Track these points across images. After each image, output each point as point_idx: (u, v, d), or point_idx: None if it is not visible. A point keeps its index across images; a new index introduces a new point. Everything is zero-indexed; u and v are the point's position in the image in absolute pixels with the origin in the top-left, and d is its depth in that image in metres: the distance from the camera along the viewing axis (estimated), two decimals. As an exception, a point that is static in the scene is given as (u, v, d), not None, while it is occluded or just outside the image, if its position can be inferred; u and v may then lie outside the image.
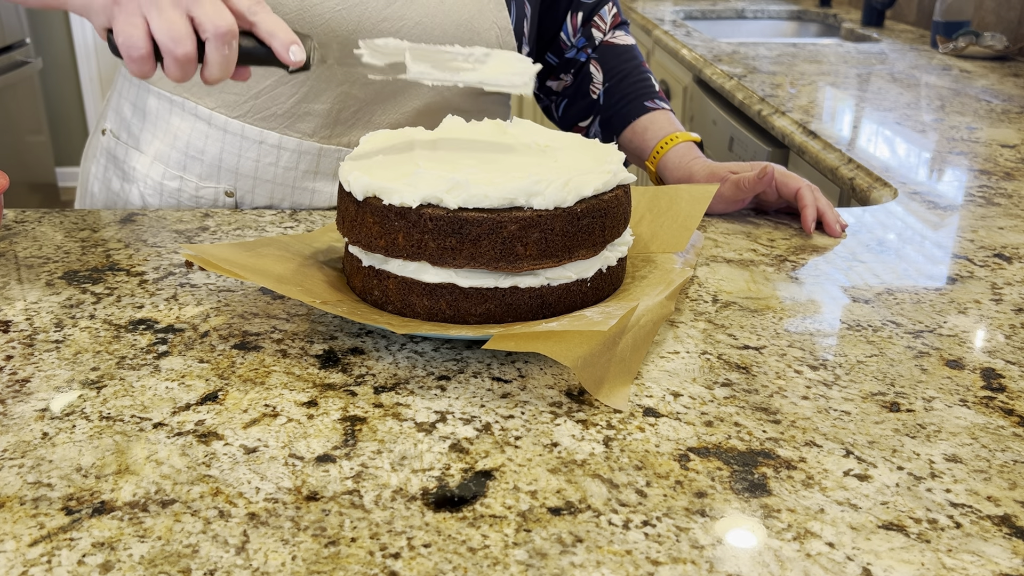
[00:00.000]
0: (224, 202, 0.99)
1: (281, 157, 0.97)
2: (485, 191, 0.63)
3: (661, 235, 0.82)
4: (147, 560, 0.46)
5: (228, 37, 0.66)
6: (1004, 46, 2.03)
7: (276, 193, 0.99)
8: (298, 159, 0.97)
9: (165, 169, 0.99)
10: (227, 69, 0.68)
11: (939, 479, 0.53)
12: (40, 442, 0.56)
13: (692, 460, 0.55)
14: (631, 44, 1.12)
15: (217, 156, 0.97)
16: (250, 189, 0.99)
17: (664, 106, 1.07)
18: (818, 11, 2.90)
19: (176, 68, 0.67)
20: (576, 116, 1.13)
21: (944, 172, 1.18)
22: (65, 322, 0.71)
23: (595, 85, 1.10)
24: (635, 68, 1.10)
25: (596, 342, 0.61)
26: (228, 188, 0.98)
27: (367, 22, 0.92)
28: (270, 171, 0.98)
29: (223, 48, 0.66)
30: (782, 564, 0.46)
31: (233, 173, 0.98)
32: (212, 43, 0.66)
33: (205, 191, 0.99)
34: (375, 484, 0.52)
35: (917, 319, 0.74)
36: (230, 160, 0.97)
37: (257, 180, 0.98)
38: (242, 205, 1.00)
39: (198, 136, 0.97)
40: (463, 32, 0.96)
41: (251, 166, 0.97)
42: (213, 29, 0.66)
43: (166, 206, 1.00)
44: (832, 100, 1.64)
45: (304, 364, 0.65)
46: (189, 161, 0.98)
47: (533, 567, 0.46)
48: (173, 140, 0.98)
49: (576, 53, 1.11)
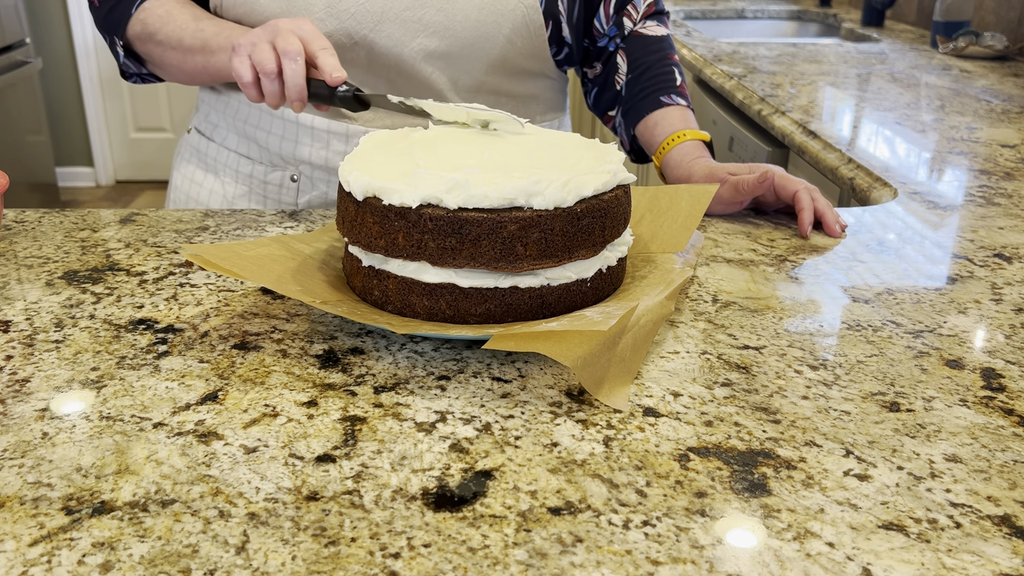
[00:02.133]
0: (289, 186, 1.07)
1: (331, 142, 1.03)
2: (485, 191, 0.63)
3: (661, 235, 0.82)
4: (147, 560, 0.46)
5: (293, 54, 0.83)
6: (1004, 46, 2.03)
7: (331, 177, 1.05)
8: (346, 143, 1.03)
9: (240, 158, 1.08)
10: (295, 82, 0.84)
11: (939, 479, 0.53)
12: (40, 442, 0.56)
13: (692, 460, 0.55)
14: (662, 35, 1.11)
15: (278, 143, 1.05)
16: (309, 174, 1.06)
17: (680, 102, 1.07)
18: (818, 11, 2.90)
19: (267, 83, 0.85)
20: (605, 106, 1.14)
21: (944, 172, 1.18)
22: (65, 322, 0.71)
23: (619, 76, 1.10)
24: (659, 60, 1.09)
25: (596, 342, 0.61)
26: (293, 174, 1.06)
27: (391, 12, 0.97)
28: (322, 155, 1.04)
29: (290, 63, 0.84)
30: (782, 564, 0.46)
31: (293, 159, 1.05)
32: (284, 59, 0.84)
33: (272, 176, 1.07)
34: (375, 484, 0.52)
35: (917, 319, 0.74)
36: (288, 146, 1.04)
37: (313, 165, 1.05)
38: (303, 190, 1.06)
39: (264, 123, 1.05)
40: (487, 15, 0.99)
41: (306, 152, 1.04)
42: (283, 48, 0.84)
43: (240, 192, 1.09)
44: (832, 100, 1.64)
45: (304, 364, 0.65)
46: (259, 150, 1.06)
47: (533, 567, 0.46)
48: (242, 131, 1.06)
49: (607, 42, 1.11)
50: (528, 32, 1.02)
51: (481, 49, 1.00)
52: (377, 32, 0.97)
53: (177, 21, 0.98)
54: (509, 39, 1.01)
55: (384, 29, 0.97)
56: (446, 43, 0.99)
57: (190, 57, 0.98)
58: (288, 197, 1.07)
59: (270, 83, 0.85)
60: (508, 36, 1.01)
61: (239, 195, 1.09)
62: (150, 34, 0.99)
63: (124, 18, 1.00)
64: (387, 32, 0.97)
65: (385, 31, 0.97)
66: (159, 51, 1.00)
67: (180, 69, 1.01)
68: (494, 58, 1.02)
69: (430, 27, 0.98)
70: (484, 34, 1.00)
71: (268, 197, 1.08)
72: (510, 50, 1.02)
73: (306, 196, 1.07)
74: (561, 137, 0.77)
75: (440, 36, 0.99)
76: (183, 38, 0.97)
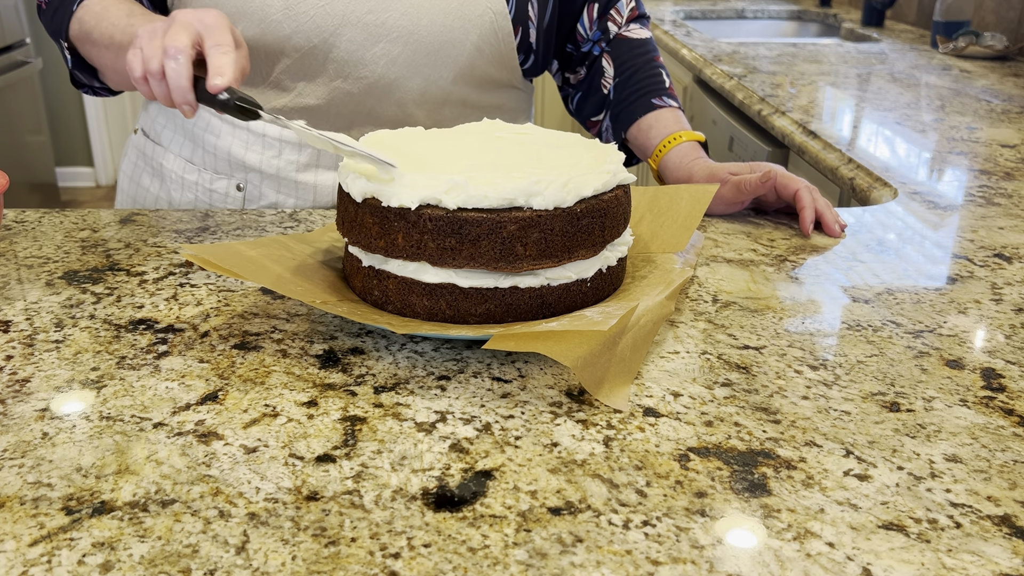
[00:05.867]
0: (234, 196, 1.02)
1: (283, 150, 1.00)
2: (484, 191, 0.63)
3: (661, 235, 0.82)
4: (147, 560, 0.46)
5: (174, 52, 0.75)
6: (1004, 46, 2.03)
7: (281, 188, 1.01)
8: (299, 152, 1.00)
9: (185, 163, 1.04)
10: (177, 84, 0.76)
11: (939, 479, 0.53)
12: (40, 442, 0.56)
13: (692, 460, 0.55)
14: (646, 38, 1.11)
15: (226, 150, 1.01)
16: (258, 183, 1.02)
17: (672, 103, 1.07)
18: (818, 11, 2.90)
19: (154, 83, 0.77)
20: (589, 111, 1.13)
21: (944, 172, 1.18)
22: (65, 322, 0.71)
23: (606, 80, 1.09)
24: (646, 63, 1.08)
25: (596, 342, 0.61)
26: (239, 182, 1.02)
27: (352, 15, 0.93)
28: (273, 164, 1.00)
29: (171, 63, 0.75)
30: (782, 564, 0.46)
31: (242, 167, 1.01)
32: (165, 58, 0.76)
33: (218, 184, 1.03)
34: (375, 484, 0.52)
35: (917, 319, 0.74)
36: (238, 153, 1.01)
37: (263, 174, 1.01)
38: (250, 199, 1.02)
39: (214, 126, 1.01)
40: (453, 20, 0.96)
41: (256, 159, 1.00)
42: (166, 45, 0.76)
43: (185, 199, 1.05)
44: (832, 100, 1.64)
45: (304, 364, 0.65)
46: (204, 155, 1.02)
47: (533, 567, 0.46)
48: (190, 134, 1.03)
49: (591, 47, 1.10)
50: (496, 39, 0.99)
51: (447, 56, 0.97)
52: (337, 36, 0.94)
53: (111, 17, 0.90)
54: (477, 46, 0.98)
55: (345, 33, 0.94)
56: (410, 49, 0.96)
57: (121, 55, 0.88)
58: (233, 207, 1.03)
59: (156, 83, 0.77)
60: (476, 43, 0.98)
61: (184, 203, 1.05)
62: (86, 33, 0.92)
63: (66, 19, 0.94)
64: (348, 36, 0.94)
65: (346, 35, 0.94)
66: (96, 52, 0.93)
67: (114, 70, 0.93)
68: (461, 66, 0.99)
69: (393, 32, 0.94)
70: (450, 40, 0.96)
71: (213, 206, 1.04)
72: (478, 58, 0.99)
73: (252, 207, 1.02)
74: (561, 137, 0.77)
75: (404, 42, 0.95)
76: (114, 35, 0.89)
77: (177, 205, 1.06)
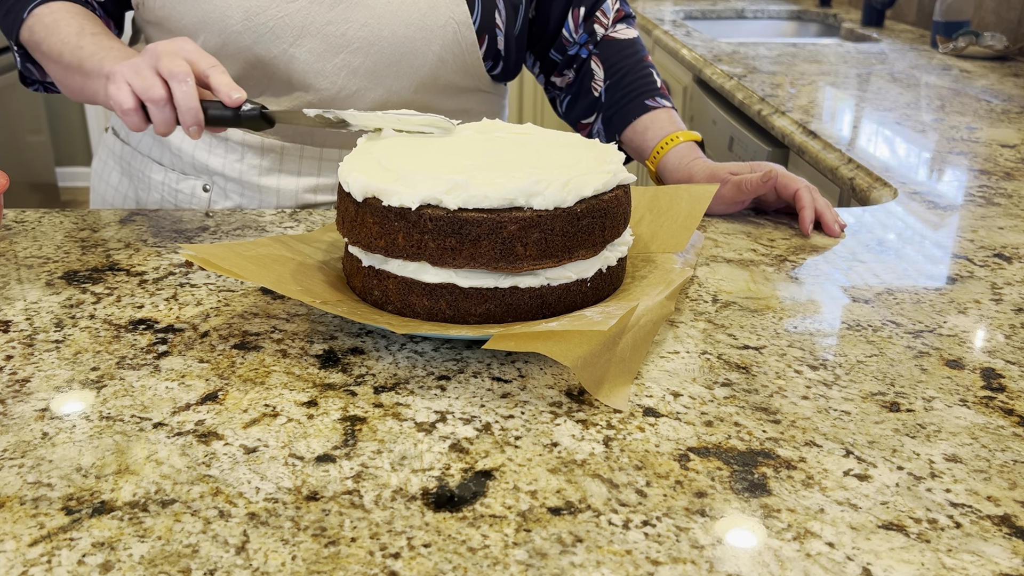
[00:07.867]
0: (200, 197, 1.03)
1: (246, 154, 1.01)
2: (485, 191, 0.63)
3: (661, 235, 0.82)
4: (147, 560, 0.46)
5: (182, 76, 0.77)
6: (1004, 46, 2.03)
7: (245, 191, 1.02)
8: (261, 157, 1.01)
9: (152, 163, 1.05)
10: (190, 105, 0.77)
11: (939, 479, 0.53)
12: (40, 442, 0.56)
13: (692, 460, 0.55)
14: (633, 38, 1.10)
15: (191, 152, 1.02)
16: (222, 185, 1.02)
17: (665, 103, 1.06)
18: (818, 11, 2.90)
19: (156, 111, 0.78)
20: (580, 114, 1.12)
21: (944, 172, 1.18)
22: (65, 322, 0.71)
23: (596, 82, 1.09)
24: (636, 64, 1.08)
25: (596, 342, 0.61)
26: (205, 183, 1.03)
27: (311, 26, 0.93)
28: (236, 168, 1.01)
29: (180, 86, 0.77)
30: (782, 564, 0.46)
31: (206, 169, 1.02)
32: (172, 82, 0.77)
33: (184, 184, 1.03)
34: (375, 484, 0.52)
35: (917, 319, 0.74)
36: (202, 155, 1.01)
37: (226, 177, 1.02)
38: (215, 201, 1.03)
39: (177, 131, 1.01)
40: (415, 31, 0.95)
41: (219, 162, 1.01)
42: (169, 70, 0.77)
43: (152, 199, 1.06)
44: (832, 100, 1.64)
45: (304, 364, 0.65)
46: (172, 156, 1.03)
47: (533, 567, 0.46)
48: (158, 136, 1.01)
49: (578, 49, 1.10)
50: (460, 49, 0.98)
51: (409, 66, 0.96)
52: (297, 47, 0.93)
53: (60, 34, 0.90)
54: (439, 56, 0.97)
55: (305, 44, 0.93)
56: (371, 60, 0.95)
57: (69, 75, 0.90)
58: (199, 207, 1.03)
59: (159, 111, 0.78)
60: (438, 54, 0.97)
61: (151, 202, 1.05)
62: (36, 43, 0.93)
63: (17, 23, 0.94)
64: (308, 47, 0.93)
65: (306, 46, 0.93)
66: (45, 63, 0.94)
67: (63, 85, 0.94)
68: (424, 76, 0.98)
69: (354, 43, 0.94)
70: (412, 51, 0.95)
71: (180, 206, 1.03)
72: (441, 68, 0.98)
73: (217, 207, 1.02)
74: (561, 137, 0.77)
75: (364, 53, 0.94)
76: (63, 53, 0.90)
77: (144, 204, 1.06)
